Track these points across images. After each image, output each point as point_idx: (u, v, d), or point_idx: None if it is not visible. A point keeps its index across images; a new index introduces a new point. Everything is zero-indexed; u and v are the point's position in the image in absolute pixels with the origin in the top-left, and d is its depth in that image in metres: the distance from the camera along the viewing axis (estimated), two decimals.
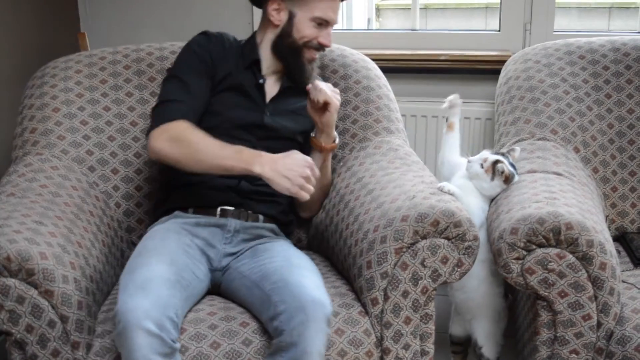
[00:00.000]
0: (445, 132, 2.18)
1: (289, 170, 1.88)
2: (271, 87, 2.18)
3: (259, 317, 1.79)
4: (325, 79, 2.37)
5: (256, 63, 2.15)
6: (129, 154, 2.28)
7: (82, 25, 3.06)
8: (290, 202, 2.19)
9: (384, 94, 2.40)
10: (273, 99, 2.17)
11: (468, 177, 2.05)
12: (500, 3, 2.82)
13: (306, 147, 2.17)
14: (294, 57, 2.13)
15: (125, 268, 1.82)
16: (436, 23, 5.11)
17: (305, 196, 1.88)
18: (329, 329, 1.69)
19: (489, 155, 2.04)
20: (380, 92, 2.40)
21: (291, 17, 2.09)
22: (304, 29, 2.09)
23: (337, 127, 2.30)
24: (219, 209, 2.06)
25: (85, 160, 2.21)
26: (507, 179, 2.03)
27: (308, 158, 1.92)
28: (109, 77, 2.34)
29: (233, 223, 2.04)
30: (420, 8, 2.94)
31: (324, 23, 2.09)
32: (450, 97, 2.14)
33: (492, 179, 2.03)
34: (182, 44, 2.27)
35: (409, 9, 2.97)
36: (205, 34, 2.17)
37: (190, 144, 1.97)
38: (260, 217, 2.10)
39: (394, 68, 2.75)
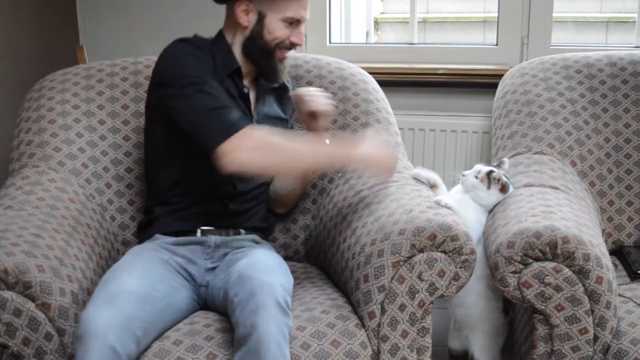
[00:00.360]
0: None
1: (380, 161, 1.95)
2: (250, 92, 2.12)
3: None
4: (324, 89, 2.37)
5: (237, 72, 2.07)
6: (120, 169, 2.28)
7: (81, 38, 3.07)
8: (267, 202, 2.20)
9: (382, 107, 2.41)
10: (255, 107, 2.12)
11: (464, 191, 2.06)
12: (498, 17, 2.84)
13: None
14: (265, 58, 2.05)
15: (99, 282, 1.81)
16: (434, 36, 5.13)
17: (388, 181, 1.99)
18: (285, 317, 1.66)
19: (482, 167, 2.07)
20: (379, 105, 2.41)
21: (261, 18, 2.00)
22: (276, 30, 2.01)
23: (335, 135, 2.32)
24: (199, 230, 2.04)
25: (81, 172, 2.21)
26: (503, 187, 2.05)
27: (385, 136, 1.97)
28: (106, 89, 2.35)
29: (213, 239, 2.03)
30: (418, 21, 2.96)
31: (295, 22, 2.02)
32: (415, 172, 2.15)
33: (489, 187, 2.05)
34: None
35: (408, 22, 2.98)
36: (189, 42, 2.03)
37: (281, 148, 1.87)
38: (242, 231, 2.09)
39: (392, 82, 2.77)
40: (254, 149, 1.84)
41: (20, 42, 2.82)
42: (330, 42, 3.02)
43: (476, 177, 2.05)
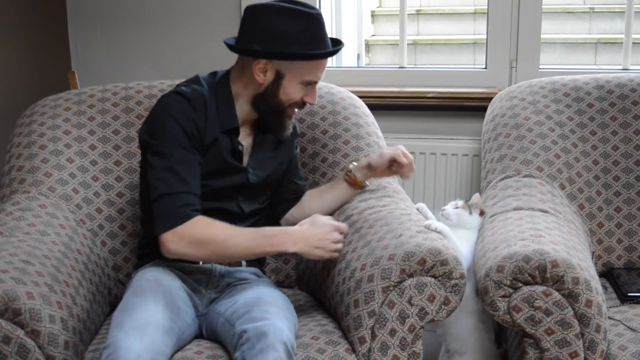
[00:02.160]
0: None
1: (320, 241, 1.93)
2: (244, 139, 2.07)
3: (231, 352, 1.79)
4: (312, 113, 2.39)
5: (234, 130, 2.03)
6: (111, 194, 2.28)
7: (72, 64, 3.08)
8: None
9: (372, 131, 2.42)
10: (251, 156, 2.08)
11: (451, 224, 2.10)
12: (487, 40, 2.86)
13: (284, 181, 2.19)
14: (275, 115, 2.02)
15: (120, 305, 1.82)
16: (425, 58, 5.15)
17: (336, 256, 1.97)
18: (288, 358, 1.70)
19: (457, 201, 2.21)
20: (369, 129, 2.42)
21: (278, 77, 1.95)
22: (292, 92, 1.97)
23: (326, 159, 2.34)
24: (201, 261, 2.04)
25: (72, 197, 2.21)
26: (482, 212, 2.18)
27: (331, 221, 1.97)
28: (97, 115, 2.35)
29: (218, 268, 2.04)
30: (409, 44, 2.98)
31: (312, 83, 1.99)
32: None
33: (471, 213, 2.15)
34: (172, 82, 2.28)
35: (398, 44, 3.00)
36: (182, 95, 1.97)
37: (217, 244, 1.90)
38: (243, 262, 2.10)
39: (382, 105, 2.78)
40: (188, 244, 1.89)
41: (12, 67, 2.83)
42: None
43: (457, 208, 2.16)
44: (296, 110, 2.05)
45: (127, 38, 3.03)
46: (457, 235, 2.05)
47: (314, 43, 1.93)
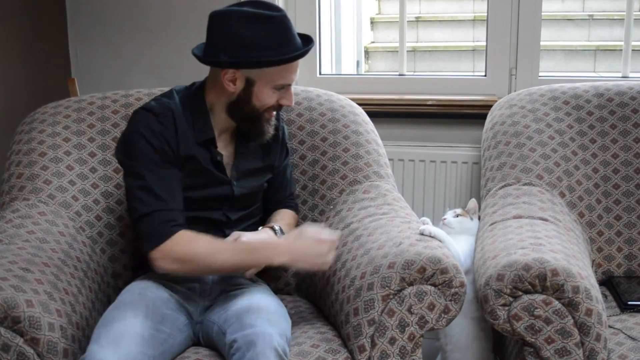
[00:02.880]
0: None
1: (306, 254, 1.92)
2: (225, 148, 2.05)
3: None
4: (312, 120, 2.39)
5: (212, 140, 2.01)
6: (110, 201, 2.28)
7: (72, 71, 3.08)
8: None
9: (372, 139, 2.42)
10: (233, 164, 2.06)
11: (454, 232, 2.19)
12: (486, 48, 2.86)
13: (269, 190, 2.20)
14: (252, 121, 2.00)
15: (101, 319, 1.82)
16: (425, 65, 5.15)
17: (327, 266, 1.95)
18: None
19: (455, 209, 2.32)
20: (369, 137, 2.42)
21: (249, 84, 1.92)
22: (265, 98, 1.95)
23: (326, 167, 2.34)
24: None
25: (71, 205, 2.21)
26: (478, 217, 2.28)
27: (319, 234, 1.94)
28: (97, 122, 2.35)
29: (210, 277, 2.04)
30: (408, 51, 2.98)
31: (285, 86, 1.96)
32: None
33: (472, 219, 2.27)
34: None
35: (398, 51, 3.01)
36: (150, 111, 1.95)
37: (202, 260, 1.92)
38: None
39: (381, 112, 2.78)
40: (172, 262, 1.90)
41: (12, 75, 2.83)
42: (320, 74, 3.04)
43: (457, 216, 2.25)
44: (274, 113, 2.03)
45: (127, 45, 3.04)
46: (455, 239, 2.06)
47: (280, 47, 1.89)
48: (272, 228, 2.08)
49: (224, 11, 1.93)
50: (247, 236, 1.99)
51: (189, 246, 1.91)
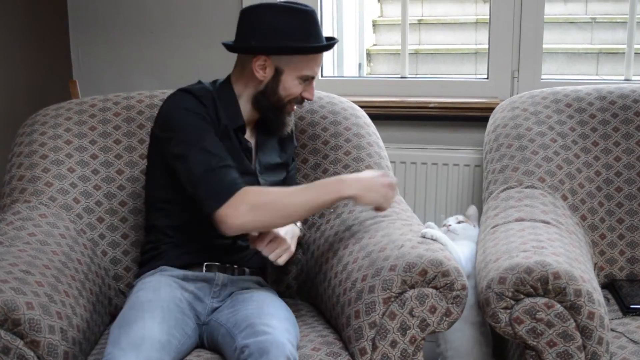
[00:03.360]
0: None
1: (374, 184, 1.95)
2: (248, 140, 2.12)
3: None
4: (314, 123, 2.39)
5: (241, 128, 2.07)
6: (114, 202, 2.28)
7: (73, 73, 3.09)
8: None
9: (374, 142, 2.42)
10: (257, 157, 2.12)
11: (458, 238, 2.23)
12: (489, 51, 2.86)
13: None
14: (276, 112, 2.07)
15: (118, 319, 1.82)
16: (427, 68, 5.15)
17: (389, 206, 1.99)
18: None
19: (457, 216, 2.37)
20: (371, 140, 2.41)
21: (277, 73, 2.01)
22: (291, 87, 2.02)
23: (327, 170, 2.34)
24: (204, 265, 2.05)
25: (72, 207, 2.21)
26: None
27: (381, 173, 2.02)
28: (98, 124, 2.35)
29: (221, 277, 2.03)
30: (410, 53, 2.98)
31: (309, 79, 2.05)
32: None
33: (474, 225, 2.31)
34: (173, 92, 2.27)
35: (400, 54, 3.01)
36: (189, 93, 2.02)
37: (275, 204, 1.91)
38: (247, 270, 2.09)
39: (383, 115, 2.78)
40: (248, 212, 1.87)
41: (14, 77, 2.83)
42: (322, 76, 3.04)
43: (460, 222, 2.28)
44: (295, 107, 2.10)
45: (129, 47, 3.04)
46: (457, 244, 2.07)
47: (309, 38, 2.00)
48: (295, 223, 2.09)
49: (256, 5, 2.05)
50: (285, 228, 1.99)
51: (260, 195, 1.92)
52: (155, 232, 2.11)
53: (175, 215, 2.07)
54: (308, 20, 2.01)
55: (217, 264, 2.05)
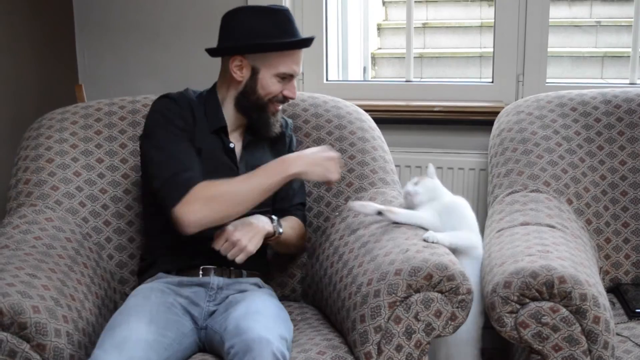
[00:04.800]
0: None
1: (318, 159, 2.00)
2: (237, 145, 2.16)
3: None
4: (318, 127, 2.39)
5: (223, 129, 2.12)
6: (120, 206, 2.29)
7: (80, 77, 3.09)
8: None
9: (378, 146, 2.42)
10: (241, 158, 2.15)
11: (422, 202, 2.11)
12: (494, 54, 2.86)
13: (277, 197, 2.18)
14: (259, 112, 2.11)
15: (107, 325, 1.83)
16: (432, 71, 5.16)
17: (337, 178, 2.02)
18: None
19: (412, 179, 2.16)
20: (375, 144, 2.42)
21: (254, 73, 2.06)
22: (269, 86, 2.07)
23: None
24: (201, 268, 2.06)
25: (78, 211, 2.22)
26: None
27: (323, 147, 2.07)
28: (104, 128, 2.36)
29: (216, 281, 2.04)
30: (415, 57, 2.98)
31: (288, 77, 2.08)
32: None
33: (431, 177, 2.16)
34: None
35: (404, 57, 3.01)
36: (168, 97, 2.10)
37: (224, 196, 1.95)
38: (244, 272, 2.10)
39: (388, 119, 2.78)
40: (201, 207, 1.93)
41: (19, 81, 2.84)
42: (327, 80, 3.04)
43: (417, 183, 2.13)
44: (279, 107, 2.13)
45: (134, 52, 3.05)
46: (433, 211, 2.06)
47: (283, 35, 2.05)
48: (270, 217, 2.09)
49: (234, 9, 2.12)
50: (233, 223, 1.99)
51: (210, 186, 1.96)
52: (152, 238, 2.14)
53: (168, 224, 2.06)
54: (282, 19, 2.07)
55: (213, 267, 2.06)
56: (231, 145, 2.13)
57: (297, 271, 2.32)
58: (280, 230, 2.08)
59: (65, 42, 3.07)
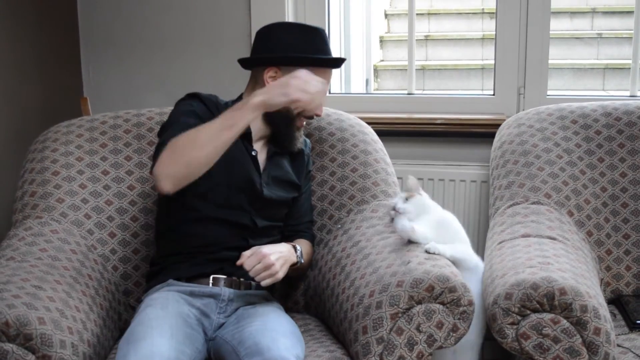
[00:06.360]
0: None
1: (281, 82, 1.97)
2: (259, 154, 2.17)
3: None
4: (321, 140, 2.42)
5: (247, 135, 2.12)
6: (125, 218, 2.30)
7: (85, 90, 3.12)
8: None
9: (380, 158, 2.44)
10: (265, 169, 2.17)
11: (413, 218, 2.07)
12: (495, 67, 2.88)
13: (289, 214, 2.23)
14: (286, 125, 2.15)
15: (126, 335, 1.83)
16: (434, 84, 5.18)
17: (298, 96, 1.93)
18: None
19: (399, 195, 2.12)
20: (377, 156, 2.43)
21: None
22: None
23: (334, 187, 2.36)
24: (211, 278, 2.07)
25: (84, 223, 2.24)
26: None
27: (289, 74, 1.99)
28: (109, 141, 2.38)
29: (227, 292, 2.06)
30: (417, 69, 2.99)
31: None
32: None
33: (420, 194, 2.12)
34: None
35: (407, 69, 3.03)
36: (196, 96, 2.14)
37: (188, 140, 1.92)
38: (252, 284, 2.11)
39: (390, 131, 2.80)
40: (168, 157, 1.92)
41: (25, 94, 2.86)
42: (330, 92, 3.06)
43: (406, 201, 2.09)
44: (304, 123, 2.18)
45: (139, 65, 3.07)
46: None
47: (318, 52, 2.13)
48: (294, 247, 2.11)
49: (271, 24, 2.20)
50: (268, 247, 2.00)
51: (177, 137, 1.94)
52: (165, 244, 2.16)
53: (183, 226, 2.11)
54: (318, 37, 2.15)
55: (223, 277, 2.07)
56: (253, 152, 2.15)
57: (300, 283, 2.33)
58: (302, 260, 2.11)
59: (70, 56, 3.10)
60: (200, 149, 1.92)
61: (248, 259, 1.95)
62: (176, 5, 3.02)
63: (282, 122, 2.14)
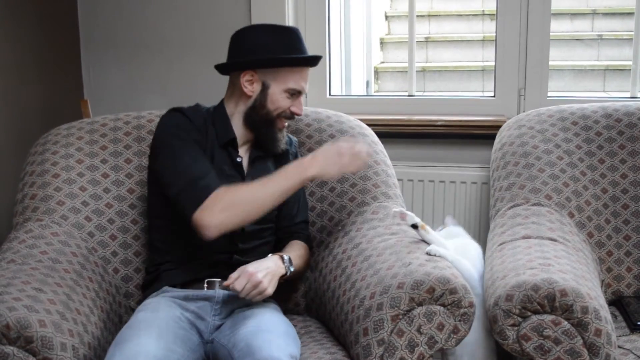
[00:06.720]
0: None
1: (329, 158, 2.03)
2: (244, 160, 2.20)
3: None
4: (321, 142, 2.41)
5: (232, 142, 2.16)
6: (125, 220, 2.30)
7: (85, 93, 3.12)
8: None
9: (381, 160, 2.44)
10: (248, 173, 2.18)
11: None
12: (495, 69, 2.88)
13: (281, 215, 2.24)
14: (267, 127, 2.16)
15: (115, 339, 1.84)
16: (434, 85, 5.18)
17: (354, 169, 2.09)
18: None
19: (438, 230, 2.25)
20: (378, 158, 2.43)
21: (264, 88, 2.11)
22: (279, 101, 2.12)
23: (334, 189, 2.36)
24: (205, 281, 2.08)
25: (84, 226, 2.24)
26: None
27: (337, 143, 2.07)
28: (109, 144, 2.38)
29: (221, 294, 2.06)
30: (417, 71, 2.99)
31: (296, 93, 2.13)
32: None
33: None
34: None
35: (407, 71, 3.03)
36: (180, 111, 2.15)
37: (243, 201, 2.00)
38: None
39: (391, 133, 2.80)
40: (221, 210, 1.97)
41: (25, 96, 2.87)
42: (330, 94, 3.07)
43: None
44: (286, 123, 2.19)
45: (140, 67, 3.07)
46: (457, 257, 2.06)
47: (293, 52, 2.12)
48: (282, 257, 2.10)
49: (244, 28, 2.18)
50: (254, 265, 2.00)
51: (230, 191, 2.00)
52: (157, 252, 2.17)
53: (174, 233, 2.12)
54: (292, 37, 2.14)
55: (218, 280, 2.08)
56: (239, 159, 2.16)
57: (300, 285, 2.33)
58: (292, 269, 2.11)
59: (70, 58, 3.10)
60: (257, 210, 2.01)
61: (236, 280, 1.97)
62: (177, 7, 3.02)
63: (263, 125, 2.16)
